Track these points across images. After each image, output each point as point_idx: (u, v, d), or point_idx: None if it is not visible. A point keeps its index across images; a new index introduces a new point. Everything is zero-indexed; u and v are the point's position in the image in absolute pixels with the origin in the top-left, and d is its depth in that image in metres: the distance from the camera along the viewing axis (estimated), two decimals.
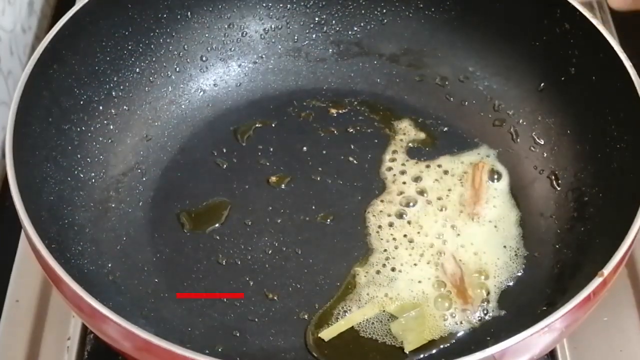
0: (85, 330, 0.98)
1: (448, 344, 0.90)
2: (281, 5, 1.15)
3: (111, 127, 1.04)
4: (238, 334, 0.92)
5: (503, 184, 1.04)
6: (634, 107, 0.92)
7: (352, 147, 1.09)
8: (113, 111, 1.05)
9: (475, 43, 1.11)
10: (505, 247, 0.98)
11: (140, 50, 1.08)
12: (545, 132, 1.06)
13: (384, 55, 1.15)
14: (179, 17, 1.10)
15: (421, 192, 1.03)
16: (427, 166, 1.06)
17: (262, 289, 0.96)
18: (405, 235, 0.99)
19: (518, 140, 1.08)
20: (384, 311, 0.93)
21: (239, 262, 0.98)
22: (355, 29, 1.16)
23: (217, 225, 1.01)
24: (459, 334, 0.91)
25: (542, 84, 1.07)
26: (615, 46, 0.95)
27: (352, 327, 0.92)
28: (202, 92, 1.13)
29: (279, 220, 1.01)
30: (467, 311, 0.92)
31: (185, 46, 1.12)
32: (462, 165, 1.06)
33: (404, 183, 1.04)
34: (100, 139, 1.03)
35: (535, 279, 0.96)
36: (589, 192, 0.98)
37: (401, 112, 1.12)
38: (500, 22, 1.08)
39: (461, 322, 0.92)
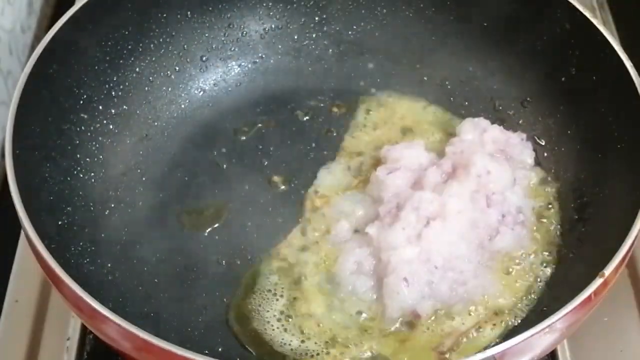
0: (84, 331, 0.97)
1: None
2: (281, 5, 1.15)
3: (111, 127, 1.04)
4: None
5: None
6: (634, 107, 0.92)
7: None
8: (113, 111, 1.05)
9: (476, 43, 1.11)
10: None
11: (140, 50, 1.08)
12: (545, 132, 1.06)
13: (384, 55, 1.15)
14: (179, 17, 1.10)
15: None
16: None
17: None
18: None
19: None
20: None
21: (239, 262, 0.98)
22: (355, 28, 1.16)
23: (217, 225, 1.01)
24: None
25: (543, 84, 1.07)
26: (616, 46, 0.95)
27: None
28: (202, 92, 1.13)
29: (279, 220, 1.01)
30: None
31: (185, 46, 1.11)
32: None
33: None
34: (100, 139, 1.03)
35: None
36: (589, 192, 0.98)
37: None
38: (500, 22, 1.08)
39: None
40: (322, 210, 1.01)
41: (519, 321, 0.91)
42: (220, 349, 0.91)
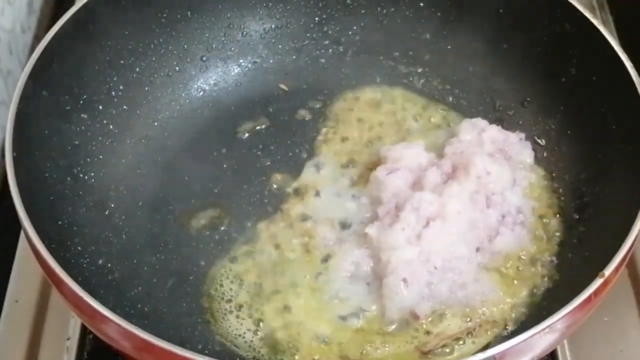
0: (84, 330, 0.98)
1: None
2: (281, 5, 1.15)
3: (111, 127, 1.04)
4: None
5: None
6: (634, 107, 0.92)
7: None
8: (113, 111, 1.05)
9: (476, 43, 1.11)
10: None
11: (140, 50, 1.08)
12: (545, 132, 1.06)
13: (384, 55, 1.15)
14: (179, 17, 1.10)
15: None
16: None
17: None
18: None
19: None
20: None
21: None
22: (355, 29, 1.16)
23: (216, 225, 1.01)
24: None
25: (543, 84, 1.07)
26: (616, 46, 0.95)
27: None
28: (202, 92, 1.13)
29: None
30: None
31: (185, 46, 1.11)
32: None
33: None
34: (100, 139, 1.03)
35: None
36: (589, 193, 0.98)
37: None
38: (500, 22, 1.08)
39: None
40: (309, 208, 1.01)
41: (514, 328, 0.91)
42: (219, 349, 0.91)
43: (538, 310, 0.91)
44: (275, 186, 1.04)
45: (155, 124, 1.09)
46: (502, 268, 0.95)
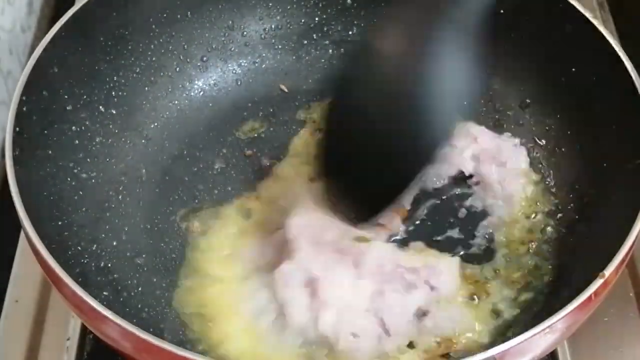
0: (84, 331, 0.98)
1: None
2: (281, 5, 1.15)
3: (111, 127, 1.04)
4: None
5: None
6: (635, 108, 0.92)
7: None
8: (113, 111, 1.05)
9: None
10: None
11: (140, 50, 1.07)
12: (545, 133, 1.06)
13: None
14: (179, 17, 1.10)
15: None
16: None
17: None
18: None
19: None
20: None
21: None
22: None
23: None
24: None
25: (542, 85, 1.07)
26: (616, 46, 0.95)
27: None
28: (202, 92, 1.13)
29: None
30: None
31: (185, 46, 1.11)
32: None
33: None
34: (100, 139, 1.03)
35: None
36: (589, 193, 0.98)
37: None
38: (500, 22, 1.08)
39: None
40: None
41: (514, 329, 0.90)
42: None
43: (538, 311, 0.91)
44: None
45: (155, 124, 1.09)
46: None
